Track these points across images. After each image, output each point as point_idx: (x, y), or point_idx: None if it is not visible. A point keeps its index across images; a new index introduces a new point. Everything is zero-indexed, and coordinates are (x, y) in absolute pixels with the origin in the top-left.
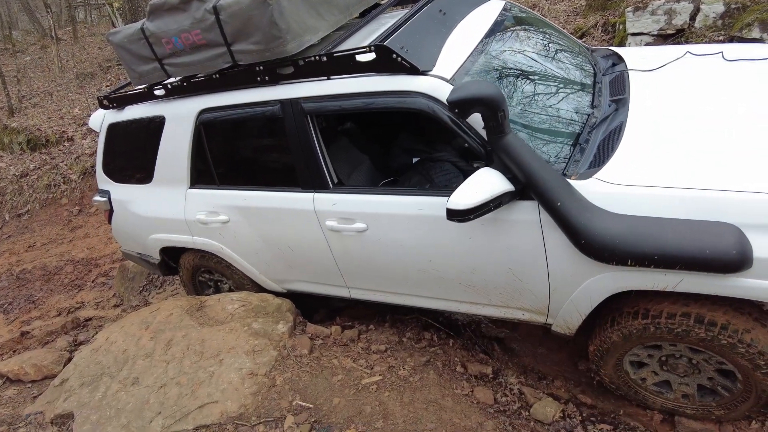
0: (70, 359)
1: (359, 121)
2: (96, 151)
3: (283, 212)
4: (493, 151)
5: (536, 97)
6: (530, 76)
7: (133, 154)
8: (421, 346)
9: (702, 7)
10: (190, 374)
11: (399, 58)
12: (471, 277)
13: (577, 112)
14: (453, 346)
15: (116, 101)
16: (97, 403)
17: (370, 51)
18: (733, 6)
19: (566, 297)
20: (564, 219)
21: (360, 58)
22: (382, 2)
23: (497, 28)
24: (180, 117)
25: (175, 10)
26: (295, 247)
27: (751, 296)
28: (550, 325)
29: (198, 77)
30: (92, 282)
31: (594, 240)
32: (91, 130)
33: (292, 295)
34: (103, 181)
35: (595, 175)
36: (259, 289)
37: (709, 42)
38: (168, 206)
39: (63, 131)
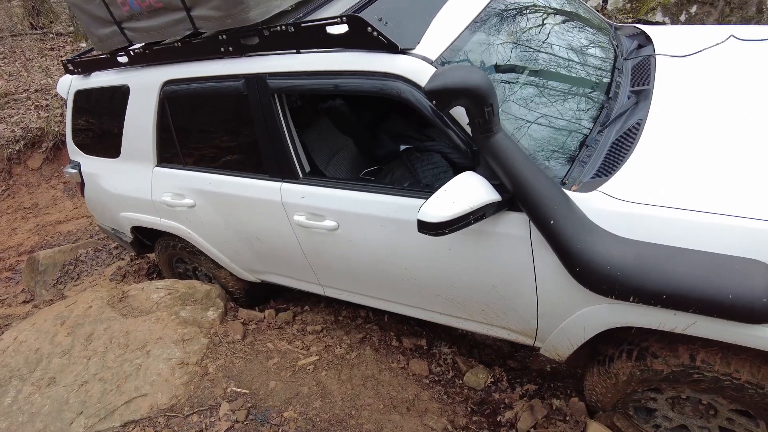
0: None
1: (344, 98)
2: (65, 119)
3: (249, 201)
4: (478, 152)
5: (538, 83)
6: (535, 58)
7: (100, 125)
8: (357, 324)
9: None
10: (115, 369)
11: (375, 32)
12: (451, 290)
13: (586, 105)
14: (388, 321)
15: (81, 66)
16: (6, 409)
17: (342, 22)
18: None
19: (557, 323)
20: (557, 240)
21: (331, 30)
22: None
23: (499, 1)
24: (144, 88)
25: None
26: (263, 239)
27: None
28: (539, 348)
29: (161, 45)
30: None
31: (592, 269)
32: None
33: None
34: (74, 152)
35: (600, 187)
36: (233, 276)
37: (620, 24)
38: (135, 184)
39: None
